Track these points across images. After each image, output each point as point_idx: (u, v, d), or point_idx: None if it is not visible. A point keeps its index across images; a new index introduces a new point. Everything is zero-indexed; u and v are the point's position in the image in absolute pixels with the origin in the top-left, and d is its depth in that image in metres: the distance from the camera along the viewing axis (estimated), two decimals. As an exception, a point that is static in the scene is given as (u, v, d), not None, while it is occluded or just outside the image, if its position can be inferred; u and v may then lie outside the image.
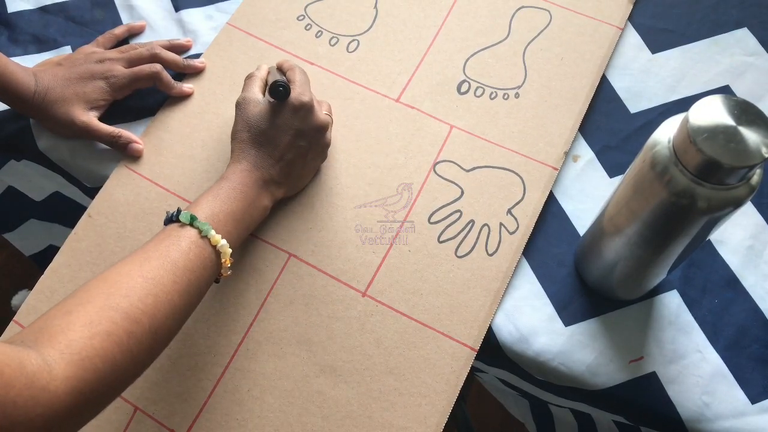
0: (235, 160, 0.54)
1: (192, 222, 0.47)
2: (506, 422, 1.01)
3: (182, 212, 0.48)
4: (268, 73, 0.60)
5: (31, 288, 0.58)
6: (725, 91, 0.65)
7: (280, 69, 0.60)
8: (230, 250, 0.48)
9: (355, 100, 0.65)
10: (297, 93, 0.55)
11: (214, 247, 0.48)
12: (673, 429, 0.52)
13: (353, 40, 0.68)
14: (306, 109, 0.55)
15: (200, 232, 0.47)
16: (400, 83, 0.66)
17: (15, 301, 1.14)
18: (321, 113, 0.57)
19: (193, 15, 0.70)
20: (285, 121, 0.55)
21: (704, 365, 0.54)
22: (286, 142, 0.55)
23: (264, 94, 0.57)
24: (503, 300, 0.56)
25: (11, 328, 0.56)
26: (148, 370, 0.44)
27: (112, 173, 0.62)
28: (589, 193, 0.61)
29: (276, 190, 0.56)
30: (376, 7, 0.70)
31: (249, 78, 0.58)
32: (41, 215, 0.75)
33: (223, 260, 0.48)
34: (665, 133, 0.42)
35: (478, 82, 0.66)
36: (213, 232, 0.47)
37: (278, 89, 0.54)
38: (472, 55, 0.67)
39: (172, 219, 0.48)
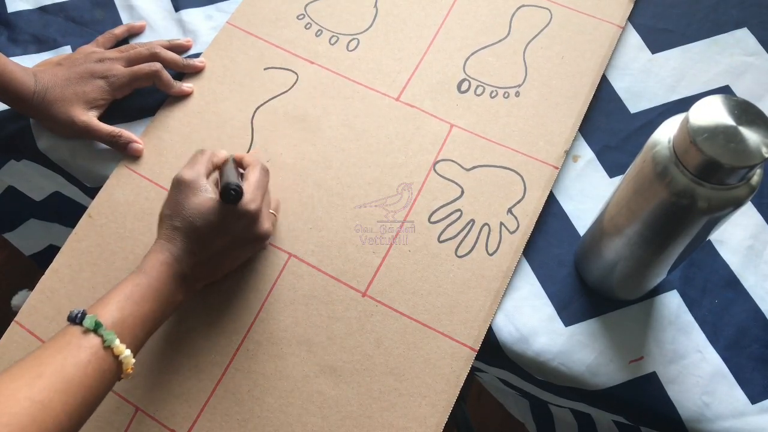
0: (158, 250, 0.49)
1: (96, 329, 0.43)
2: (506, 422, 1.01)
3: (87, 316, 0.44)
4: (225, 161, 0.55)
5: (31, 288, 0.58)
6: (725, 91, 0.65)
7: (240, 162, 0.56)
8: (133, 360, 0.44)
9: (355, 99, 0.65)
10: (247, 199, 0.51)
11: (117, 357, 0.44)
12: (673, 429, 0.52)
13: (353, 39, 0.68)
14: (250, 218, 0.51)
15: (103, 341, 0.43)
16: (400, 82, 0.66)
17: (15, 301, 1.14)
18: (265, 221, 0.53)
19: (193, 15, 0.70)
20: (225, 225, 0.50)
21: (704, 365, 0.54)
22: (219, 246, 0.51)
23: (208, 177, 0.52)
24: (503, 300, 0.56)
25: (11, 329, 0.56)
26: (148, 370, 0.43)
27: (112, 173, 0.61)
28: (589, 193, 0.61)
29: (195, 284, 0.52)
30: (376, 5, 0.70)
31: (199, 154, 0.54)
32: (41, 215, 0.75)
33: (124, 369, 0.44)
34: (665, 133, 0.42)
35: (479, 81, 0.66)
36: (117, 341, 0.43)
37: (230, 193, 0.49)
38: (472, 54, 0.67)
39: (75, 320, 0.44)
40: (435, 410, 0.53)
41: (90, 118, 0.61)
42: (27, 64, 0.63)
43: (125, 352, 0.44)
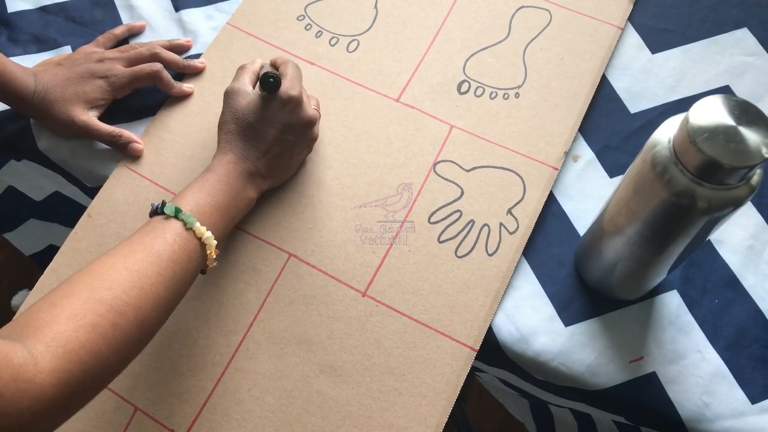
0: (222, 152, 0.54)
1: (177, 214, 0.47)
2: (506, 422, 1.01)
3: (167, 204, 0.48)
4: (261, 66, 0.59)
5: (31, 288, 0.58)
6: (725, 91, 0.65)
7: (274, 64, 0.60)
8: (215, 242, 0.48)
9: (355, 99, 0.65)
10: (287, 86, 0.55)
11: (199, 239, 0.47)
12: (673, 429, 0.52)
13: (353, 40, 0.68)
14: (294, 102, 0.55)
15: (185, 224, 0.47)
16: (400, 83, 0.66)
17: (15, 301, 1.14)
18: (309, 108, 0.57)
19: (193, 15, 0.70)
20: (273, 115, 0.54)
21: (704, 365, 0.54)
22: (273, 135, 0.55)
23: (254, 87, 0.56)
24: (503, 300, 0.56)
25: (11, 328, 0.56)
26: (147, 370, 0.44)
27: (112, 173, 0.62)
28: (589, 193, 0.61)
29: (262, 182, 0.56)
30: (376, 7, 0.70)
31: (241, 69, 0.58)
32: (41, 215, 0.75)
33: (208, 252, 0.48)
34: (665, 133, 0.42)
35: (479, 82, 0.66)
36: (198, 224, 0.47)
37: (269, 80, 0.53)
38: (472, 55, 0.67)
39: (156, 211, 0.48)
40: (435, 410, 0.53)
41: (90, 118, 0.61)
42: (27, 64, 0.63)
43: (206, 233, 0.48)
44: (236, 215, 0.53)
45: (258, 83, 0.55)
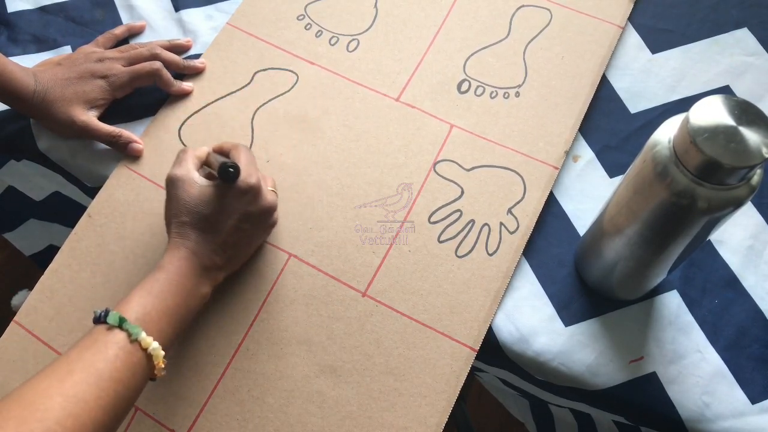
0: (174, 246, 0.50)
1: (121, 324, 0.43)
2: (506, 422, 1.01)
3: (110, 313, 0.44)
4: (208, 154, 0.56)
5: (31, 288, 0.58)
6: (725, 91, 0.65)
7: (221, 150, 0.56)
8: (163, 353, 0.45)
9: (355, 99, 0.65)
10: (244, 175, 0.51)
11: (145, 350, 0.44)
12: (673, 429, 0.52)
13: (353, 40, 0.68)
14: (253, 192, 0.51)
15: (129, 335, 0.43)
16: (401, 82, 0.66)
17: (15, 301, 1.14)
18: (268, 194, 0.54)
19: (193, 15, 0.70)
20: (230, 204, 0.51)
21: (704, 365, 0.54)
22: (231, 225, 0.51)
23: (198, 172, 0.53)
24: (503, 300, 0.56)
25: (11, 328, 0.56)
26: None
27: (112, 173, 0.61)
28: (589, 193, 0.61)
29: (217, 274, 0.52)
30: (376, 6, 0.70)
31: (183, 153, 0.54)
32: (41, 215, 0.75)
33: (155, 362, 0.44)
34: (665, 133, 0.42)
35: (479, 81, 0.66)
36: (143, 334, 0.43)
37: (228, 170, 0.50)
38: (472, 54, 0.67)
39: (99, 319, 0.44)
40: (435, 410, 0.53)
41: (90, 118, 0.61)
42: (27, 64, 0.63)
43: (153, 344, 0.44)
44: (187, 316, 0.49)
45: (216, 172, 0.51)
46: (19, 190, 0.71)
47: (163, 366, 0.45)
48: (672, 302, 0.56)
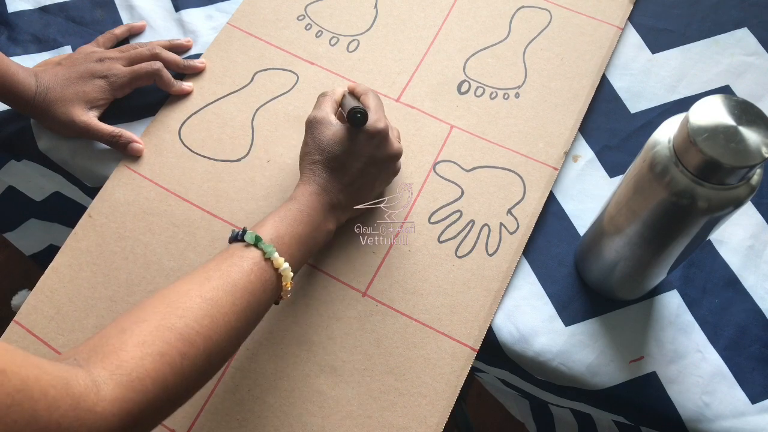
0: (305, 182, 0.53)
1: (256, 243, 0.46)
2: (506, 422, 1.01)
3: (247, 232, 0.47)
4: (343, 96, 0.58)
5: (31, 288, 0.58)
6: (725, 91, 0.65)
7: (353, 93, 0.58)
8: (291, 274, 0.47)
9: (355, 100, 0.65)
10: (373, 120, 0.53)
11: (276, 270, 0.47)
12: (673, 429, 0.53)
13: (353, 40, 0.68)
14: (381, 136, 0.54)
15: (264, 253, 0.46)
16: (401, 83, 0.66)
17: (15, 301, 1.14)
18: (395, 141, 0.56)
19: (193, 15, 0.70)
20: (359, 148, 0.53)
21: (704, 365, 0.54)
22: (358, 168, 0.54)
23: (335, 115, 0.55)
24: (503, 300, 0.56)
25: (11, 328, 0.56)
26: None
27: (112, 173, 0.62)
28: (589, 193, 0.61)
29: (341, 214, 0.55)
30: (376, 7, 0.70)
31: (322, 96, 0.57)
32: (41, 215, 0.75)
33: (284, 283, 0.47)
34: (665, 133, 0.42)
35: (479, 82, 0.66)
36: (276, 254, 0.46)
37: (356, 116, 0.52)
38: (472, 55, 0.67)
39: (236, 238, 0.47)
40: (435, 410, 0.53)
41: (90, 118, 0.61)
42: (27, 64, 0.63)
43: (284, 265, 0.47)
44: (314, 247, 0.52)
45: (347, 118, 0.53)
46: (20, 190, 0.71)
47: (290, 288, 0.48)
48: (672, 302, 0.56)
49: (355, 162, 0.53)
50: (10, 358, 0.32)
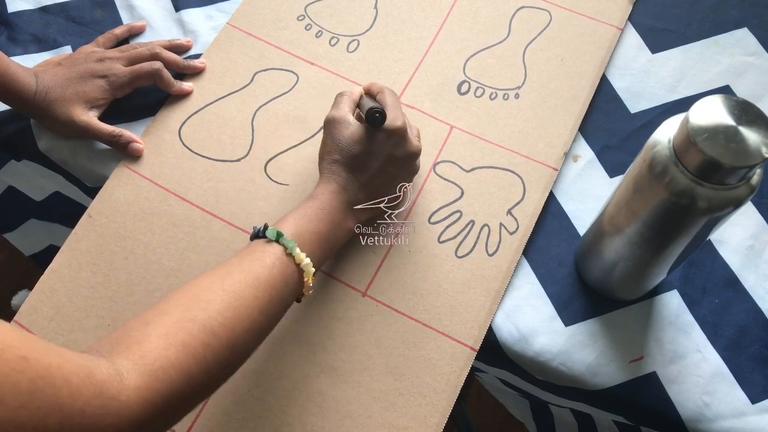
0: (325, 181, 0.53)
1: (278, 238, 0.47)
2: (506, 422, 1.01)
3: (269, 228, 0.47)
4: (361, 96, 0.58)
5: (31, 288, 0.58)
6: (725, 91, 0.65)
7: (369, 92, 0.59)
8: (313, 270, 0.48)
9: (355, 100, 0.65)
10: (391, 118, 0.54)
11: (298, 265, 0.47)
12: (673, 429, 0.53)
13: (353, 40, 0.68)
14: (400, 134, 0.54)
15: (285, 249, 0.46)
16: (400, 83, 0.66)
17: (15, 301, 1.14)
18: (414, 139, 0.56)
19: (193, 15, 0.70)
20: (378, 147, 0.53)
21: (704, 365, 0.54)
22: (377, 167, 0.54)
23: (353, 115, 0.55)
24: (503, 300, 0.56)
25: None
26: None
27: (112, 173, 0.62)
28: (589, 193, 0.61)
29: (361, 213, 0.55)
30: (376, 7, 0.70)
31: (340, 96, 0.57)
32: (41, 215, 0.75)
33: (305, 279, 0.47)
34: (665, 133, 0.42)
35: (478, 83, 0.66)
36: (298, 250, 0.47)
37: (375, 116, 0.53)
38: (472, 56, 0.67)
39: (258, 234, 0.48)
40: (435, 410, 0.53)
41: (90, 117, 0.61)
42: (27, 64, 0.63)
43: (305, 260, 0.47)
44: (334, 245, 0.53)
45: (364, 116, 0.54)
46: (19, 190, 0.71)
47: (311, 285, 0.48)
48: (672, 302, 0.56)
49: (374, 161, 0.54)
50: (32, 346, 0.32)
